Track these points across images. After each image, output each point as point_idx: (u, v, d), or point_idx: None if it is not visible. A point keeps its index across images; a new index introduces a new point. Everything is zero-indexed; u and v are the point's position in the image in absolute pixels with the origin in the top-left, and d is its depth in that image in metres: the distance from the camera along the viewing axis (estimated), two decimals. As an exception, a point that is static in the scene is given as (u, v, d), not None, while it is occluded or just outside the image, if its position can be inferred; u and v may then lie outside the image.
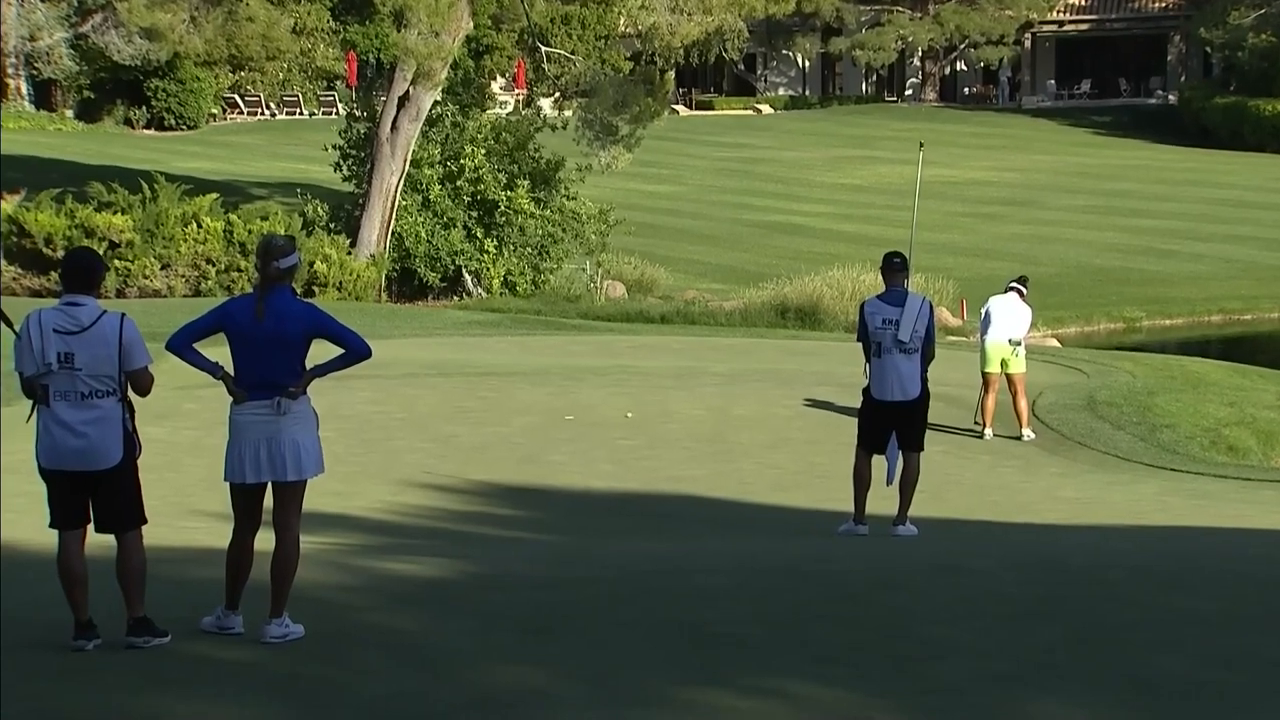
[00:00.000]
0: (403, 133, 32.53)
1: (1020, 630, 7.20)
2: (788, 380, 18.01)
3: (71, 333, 6.68)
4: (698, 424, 15.33)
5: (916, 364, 10.37)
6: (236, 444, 6.93)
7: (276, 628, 6.88)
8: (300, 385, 6.91)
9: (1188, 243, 42.91)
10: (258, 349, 6.88)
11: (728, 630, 7.14)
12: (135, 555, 6.84)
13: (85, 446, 6.69)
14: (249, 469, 6.92)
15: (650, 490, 12.74)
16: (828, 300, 30.94)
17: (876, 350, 10.36)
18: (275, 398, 6.86)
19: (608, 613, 7.48)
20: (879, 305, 10.44)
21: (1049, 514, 11.95)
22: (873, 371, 10.45)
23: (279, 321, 6.88)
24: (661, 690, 6.24)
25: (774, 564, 8.86)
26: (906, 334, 10.26)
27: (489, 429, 15.02)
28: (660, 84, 39.36)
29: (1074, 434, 15.62)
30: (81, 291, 6.79)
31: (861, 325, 10.49)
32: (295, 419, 6.90)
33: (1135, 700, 6.22)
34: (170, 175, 33.53)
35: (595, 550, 9.75)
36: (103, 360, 6.70)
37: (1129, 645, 6.99)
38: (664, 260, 36.75)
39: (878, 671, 6.53)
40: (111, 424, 6.72)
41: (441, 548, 10.01)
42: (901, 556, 9.28)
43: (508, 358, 20.05)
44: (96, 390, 6.70)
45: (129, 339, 6.73)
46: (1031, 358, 16.98)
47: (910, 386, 10.37)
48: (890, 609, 7.62)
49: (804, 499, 12.34)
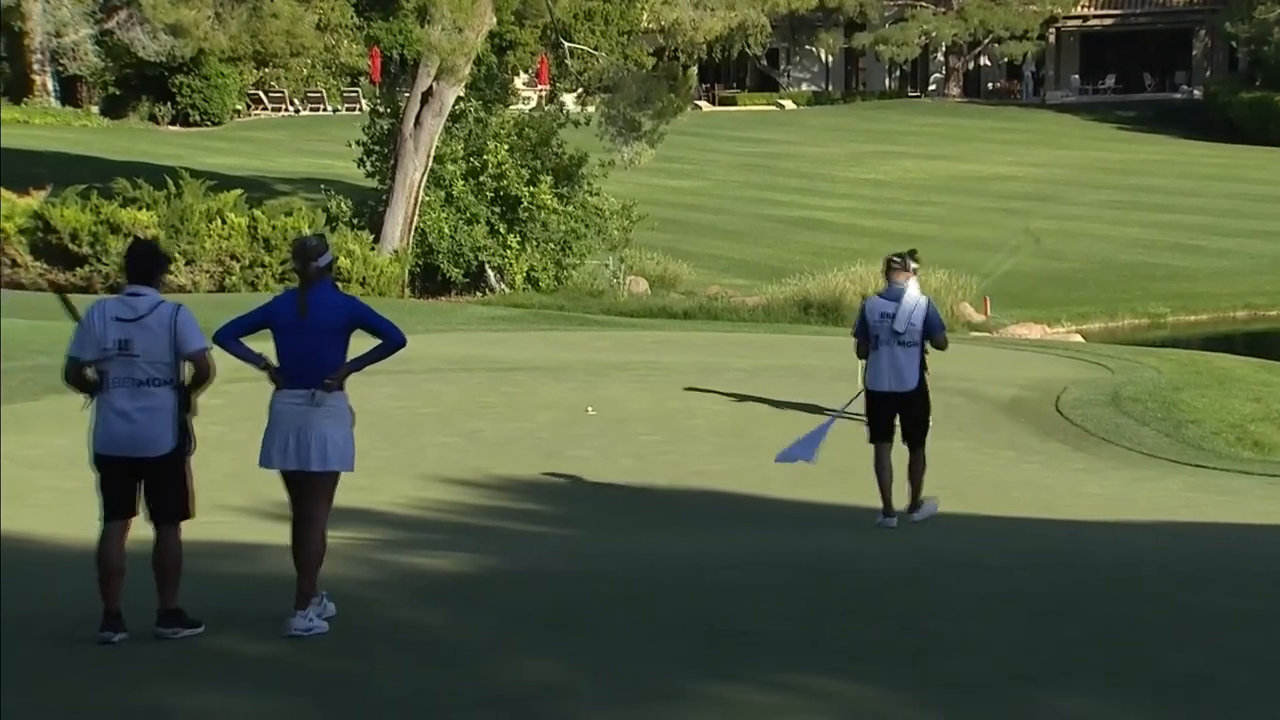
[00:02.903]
0: (426, 128, 32.59)
1: (1041, 627, 7.19)
2: (810, 376, 17.99)
3: (130, 320, 6.94)
4: (720, 419, 15.34)
5: (914, 357, 10.76)
6: (271, 431, 7.17)
7: (301, 620, 6.95)
8: (337, 377, 7.11)
9: (1213, 238, 42.70)
10: (300, 340, 7.13)
11: (748, 626, 7.14)
12: (173, 548, 7.00)
13: (136, 432, 6.91)
14: (276, 455, 7.14)
15: (672, 485, 12.75)
16: (850, 296, 30.85)
17: (875, 342, 10.79)
18: (312, 389, 7.07)
19: (629, 608, 7.49)
20: (878, 301, 10.92)
21: (1072, 511, 11.91)
22: (870, 363, 10.89)
23: (321, 313, 7.15)
24: (682, 685, 6.25)
25: (795, 560, 8.86)
26: (902, 326, 10.67)
27: (512, 424, 15.05)
28: (683, 79, 39.37)
29: (1098, 430, 15.56)
30: (142, 282, 7.06)
31: (860, 320, 10.95)
32: (328, 412, 7.10)
33: (1155, 698, 6.20)
34: (195, 171, 33.64)
35: (617, 545, 9.77)
36: (159, 347, 6.93)
37: (1150, 643, 6.97)
38: (687, 256, 36.73)
39: (898, 668, 6.53)
40: (164, 413, 6.94)
41: (464, 543, 10.04)
42: (922, 553, 9.27)
43: (531, 353, 20.08)
44: (154, 378, 6.92)
45: (182, 323, 6.96)
46: (1055, 353, 16.91)
47: (907, 377, 10.73)
48: (911, 605, 7.61)
49: (825, 495, 12.34)
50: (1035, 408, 16.07)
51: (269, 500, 11.27)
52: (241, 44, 42.17)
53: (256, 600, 7.66)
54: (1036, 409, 16.04)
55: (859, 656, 6.68)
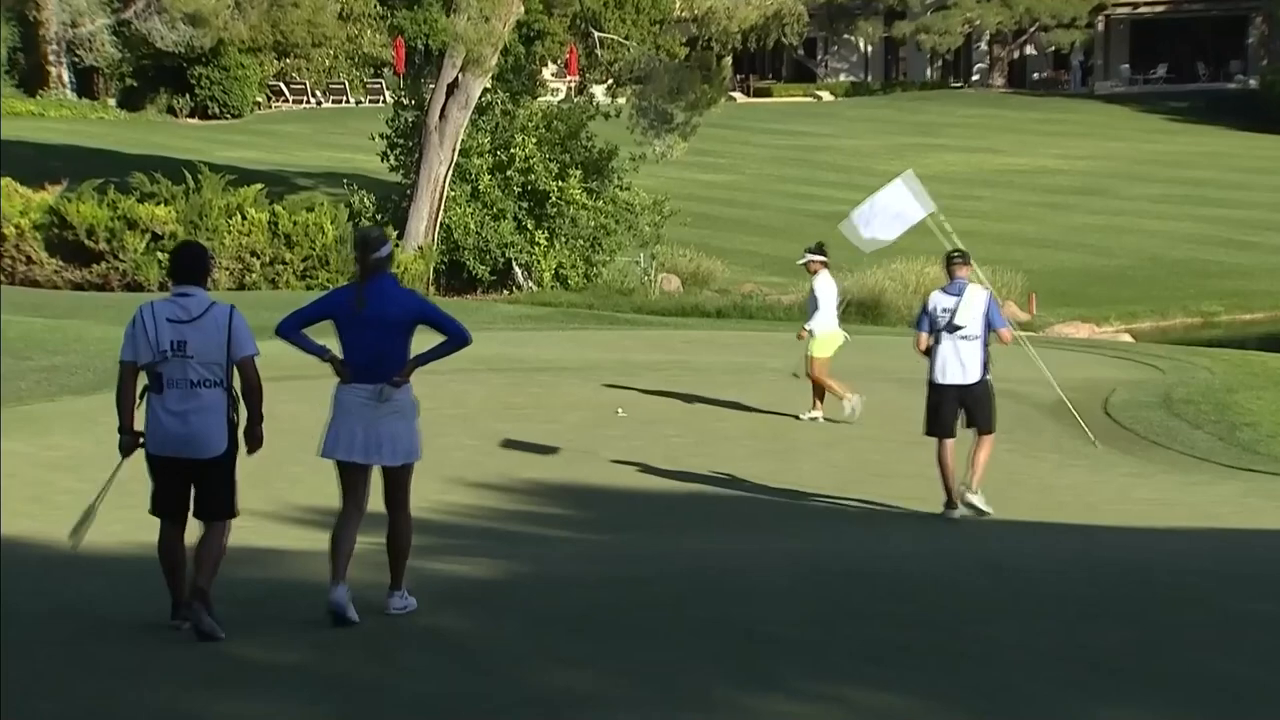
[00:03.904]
0: (451, 121, 32.72)
1: (1083, 633, 7.22)
2: (846, 376, 18.03)
3: (183, 322, 7.17)
4: (753, 421, 15.38)
5: (977, 350, 11.41)
6: (337, 422, 7.43)
7: (398, 599, 7.44)
8: (404, 374, 7.40)
9: (1269, 233, 42.48)
10: (363, 335, 7.36)
11: (780, 631, 7.20)
12: (217, 542, 7.27)
13: (190, 434, 7.14)
14: (343, 447, 7.42)
15: (704, 489, 12.81)
16: (890, 294, 30.87)
17: (938, 337, 11.44)
18: (379, 385, 7.35)
19: (658, 613, 7.56)
20: (941, 296, 11.60)
21: (1120, 516, 11.90)
22: (934, 356, 11.49)
23: (383, 307, 7.37)
24: (712, 692, 6.31)
25: (829, 564, 8.91)
26: (964, 319, 11.33)
27: (539, 425, 15.12)
28: (717, 70, 39.38)
29: (1148, 433, 15.52)
30: (190, 283, 7.31)
31: (923, 314, 11.61)
32: (394, 408, 7.40)
33: (1204, 708, 6.21)
34: (214, 165, 33.84)
35: (646, 549, 9.83)
36: (213, 348, 7.16)
37: (1199, 650, 6.98)
38: (721, 252, 36.78)
39: (933, 674, 6.57)
40: (216, 414, 7.17)
41: (490, 547, 10.12)
42: (960, 556, 9.31)
43: (559, 352, 20.16)
44: (206, 380, 7.16)
45: (237, 326, 7.23)
46: (1103, 352, 16.89)
47: (970, 370, 11.38)
48: (947, 609, 7.65)
49: (862, 498, 12.37)
50: (1083, 409, 16.05)
51: (290, 504, 11.37)
52: (262, 34, 42.44)
53: (282, 606, 7.75)
54: (1084, 410, 16.01)
55: (893, 663, 6.73)
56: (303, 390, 12.97)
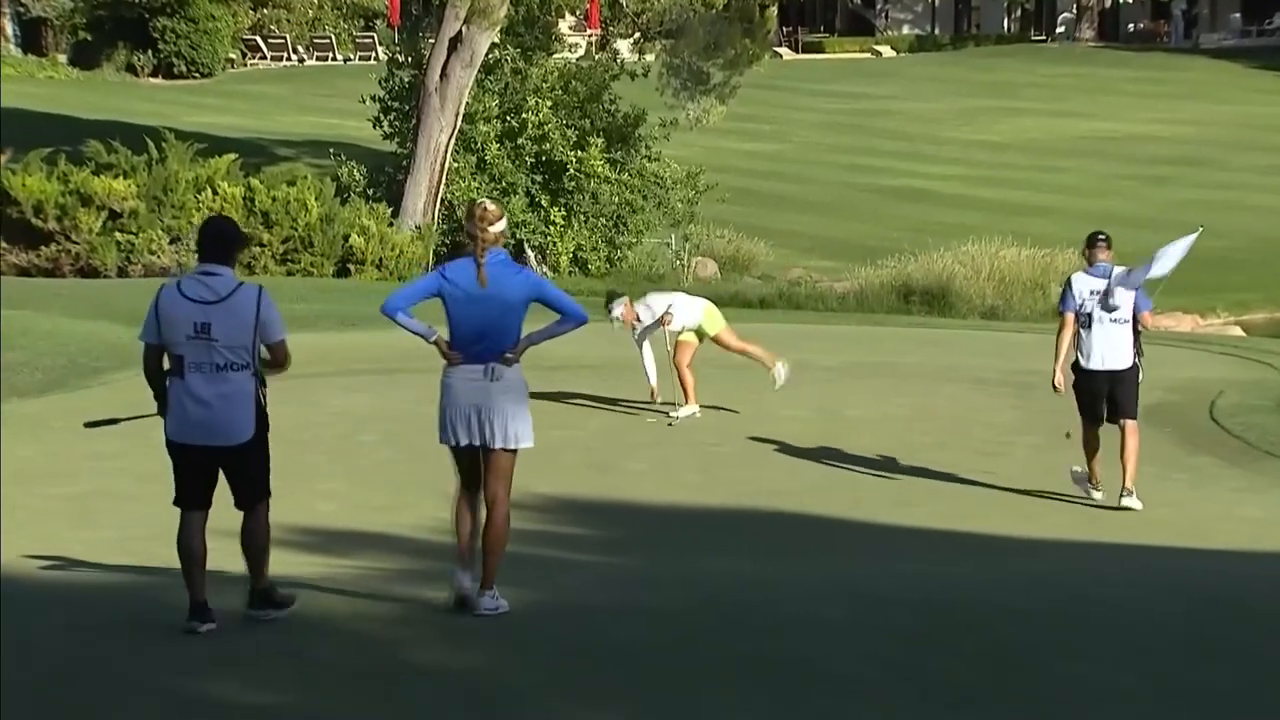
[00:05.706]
0: (454, 82, 32.83)
1: (1178, 671, 7.26)
2: (909, 376, 18.04)
3: (209, 303, 7.58)
4: (801, 426, 15.45)
5: (1127, 334, 12.41)
6: (449, 408, 8.04)
7: (489, 600, 7.95)
8: (517, 352, 8.04)
9: (1401, 211, 42.35)
10: (477, 313, 7.97)
11: (833, 668, 7.27)
12: (261, 529, 7.70)
13: (215, 420, 7.52)
14: (460, 432, 8.02)
15: (744, 505, 12.87)
16: (960, 281, 30.87)
17: (1086, 321, 12.43)
18: (489, 364, 7.93)
19: (691, 647, 7.63)
20: (1085, 278, 12.53)
21: (1225, 538, 11.94)
22: (1082, 342, 12.46)
23: (498, 285, 7.99)
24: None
25: (890, 593, 8.97)
26: (1116, 301, 12.30)
27: (556, 432, 15.17)
28: (760, 21, 39.41)
29: (1260, 441, 15.52)
30: (218, 261, 7.68)
31: (1068, 297, 12.53)
32: (506, 386, 8.01)
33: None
34: (181, 132, 34.04)
35: (677, 575, 9.90)
36: (239, 331, 7.60)
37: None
38: (764, 233, 36.84)
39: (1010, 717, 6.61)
40: (243, 399, 7.57)
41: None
42: (1040, 584, 9.36)
43: (577, 348, 20.22)
44: (232, 363, 7.55)
45: (266, 309, 7.67)
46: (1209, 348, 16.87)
47: (1121, 355, 12.38)
48: (1026, 645, 7.71)
49: (927, 517, 12.43)
50: (1184, 414, 16.06)
51: (299, 507, 11.48)
52: (235, -19, 42.61)
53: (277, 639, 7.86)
54: (1186, 416, 16.03)
55: (966, 704, 6.77)
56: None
